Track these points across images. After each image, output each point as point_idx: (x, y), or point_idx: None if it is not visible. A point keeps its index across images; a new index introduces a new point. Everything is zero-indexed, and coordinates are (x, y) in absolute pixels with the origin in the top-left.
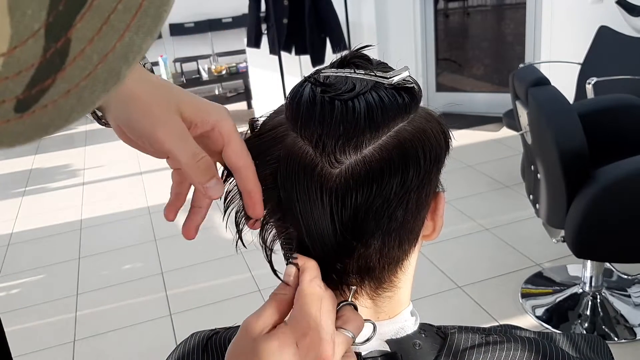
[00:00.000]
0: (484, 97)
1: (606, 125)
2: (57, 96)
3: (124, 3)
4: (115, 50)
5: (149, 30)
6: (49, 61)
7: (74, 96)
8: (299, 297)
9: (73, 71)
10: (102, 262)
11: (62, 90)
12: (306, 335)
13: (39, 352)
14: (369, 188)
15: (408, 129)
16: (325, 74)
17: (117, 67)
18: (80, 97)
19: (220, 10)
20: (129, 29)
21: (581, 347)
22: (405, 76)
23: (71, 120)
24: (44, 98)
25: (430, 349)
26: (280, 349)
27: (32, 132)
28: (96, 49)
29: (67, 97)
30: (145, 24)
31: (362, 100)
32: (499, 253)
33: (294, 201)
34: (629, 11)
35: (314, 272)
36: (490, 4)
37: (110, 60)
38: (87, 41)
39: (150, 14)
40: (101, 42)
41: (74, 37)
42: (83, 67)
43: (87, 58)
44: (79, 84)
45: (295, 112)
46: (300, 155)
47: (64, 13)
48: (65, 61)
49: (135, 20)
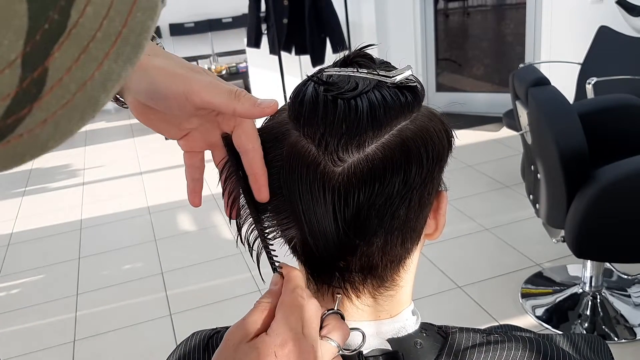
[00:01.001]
0: (484, 97)
1: (606, 125)
2: (34, 125)
3: (103, 31)
4: (94, 78)
5: (128, 58)
6: (26, 91)
7: (50, 125)
8: (280, 307)
9: (50, 100)
10: (102, 262)
11: (39, 120)
12: (285, 345)
13: (39, 352)
14: (372, 186)
15: (411, 128)
16: (328, 73)
17: (95, 96)
18: (57, 125)
19: (220, 10)
20: (108, 57)
21: (581, 348)
22: (407, 75)
23: (48, 149)
24: (20, 127)
25: (431, 348)
26: (258, 359)
27: (7, 161)
28: (74, 78)
29: (43, 126)
30: (124, 52)
31: (364, 99)
32: (499, 253)
33: (296, 199)
34: (629, 11)
35: (296, 282)
36: (490, 4)
37: (88, 89)
38: (65, 70)
39: (130, 42)
40: (79, 71)
41: (52, 66)
42: (60, 96)
43: (64, 87)
44: (56, 112)
45: (298, 111)
46: (303, 154)
47: (41, 42)
48: (42, 90)
49: (114, 48)
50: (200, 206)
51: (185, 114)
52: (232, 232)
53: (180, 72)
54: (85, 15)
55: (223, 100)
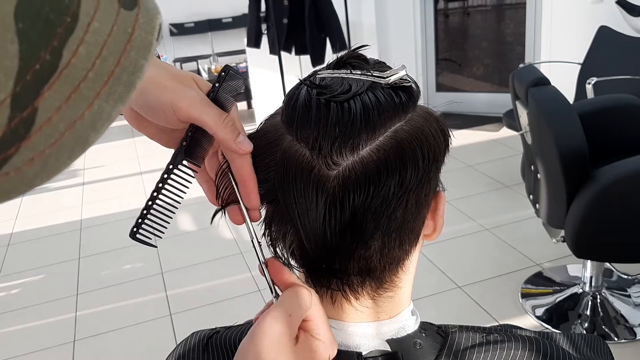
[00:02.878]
0: (484, 97)
1: (606, 125)
2: (21, 164)
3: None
4: (84, 118)
5: (120, 97)
6: (13, 130)
7: (38, 164)
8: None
9: (38, 139)
10: (102, 262)
11: (26, 158)
12: None
13: (39, 352)
14: (367, 189)
15: (406, 129)
16: (322, 75)
17: (84, 135)
18: (45, 164)
19: (220, 10)
20: (99, 97)
21: (581, 347)
22: (402, 75)
23: (34, 186)
24: (6, 166)
25: (430, 348)
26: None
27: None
28: (63, 118)
29: (31, 165)
30: (116, 91)
31: (358, 101)
32: (499, 253)
33: (291, 204)
34: (629, 11)
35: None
36: (490, 4)
37: (77, 128)
38: (54, 110)
39: (122, 81)
40: (69, 110)
41: (41, 105)
42: (49, 135)
43: (53, 126)
44: (44, 151)
45: (291, 115)
46: (297, 158)
47: (31, 82)
48: (31, 130)
49: (106, 87)
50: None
51: (172, 125)
52: (232, 232)
53: (169, 85)
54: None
55: (211, 120)
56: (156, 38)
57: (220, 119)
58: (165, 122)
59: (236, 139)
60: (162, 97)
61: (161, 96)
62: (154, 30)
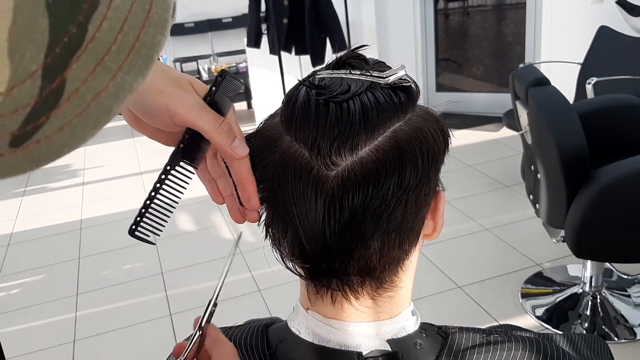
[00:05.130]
0: (484, 97)
1: (606, 125)
2: (50, 132)
3: (118, 44)
4: (108, 89)
5: (140, 70)
6: (45, 100)
7: (66, 132)
8: None
9: (67, 109)
10: (102, 262)
11: (55, 127)
12: None
13: (39, 352)
14: (366, 189)
15: (405, 129)
16: (321, 75)
17: (108, 105)
18: (73, 133)
19: (220, 10)
20: (122, 69)
21: (580, 348)
22: (401, 75)
23: (62, 154)
24: (38, 134)
25: (431, 349)
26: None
27: (25, 165)
28: (90, 89)
29: (59, 133)
30: (136, 65)
31: (357, 102)
32: (499, 253)
33: (291, 204)
34: (629, 11)
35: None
36: (490, 4)
37: (102, 99)
38: (81, 81)
39: (142, 55)
40: (95, 81)
41: (69, 77)
42: (76, 106)
43: (80, 97)
44: (72, 121)
45: (290, 116)
46: (296, 159)
47: (60, 55)
48: (60, 100)
49: (128, 60)
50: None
51: (169, 128)
52: (232, 232)
53: (165, 89)
54: (102, 29)
55: (206, 125)
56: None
57: (216, 123)
58: (162, 125)
59: (232, 144)
60: (158, 101)
61: (157, 100)
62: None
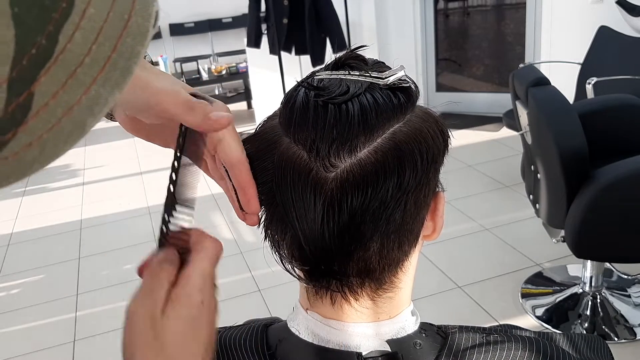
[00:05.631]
0: (484, 97)
1: (606, 125)
2: (18, 149)
3: (92, 56)
4: (81, 103)
5: (116, 82)
6: (11, 115)
7: (36, 148)
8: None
9: (36, 124)
10: (102, 262)
11: (24, 143)
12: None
13: (39, 352)
14: (365, 191)
15: (404, 130)
16: (320, 76)
17: (82, 120)
18: (43, 149)
19: (220, 10)
20: (96, 82)
21: (581, 347)
22: (400, 76)
23: (33, 171)
24: (4, 151)
25: (430, 349)
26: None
27: None
28: (60, 103)
29: (28, 149)
30: (113, 77)
31: (355, 103)
32: (499, 253)
33: (290, 206)
34: (629, 11)
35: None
36: (490, 4)
37: (75, 113)
38: (51, 95)
39: (119, 67)
40: (66, 95)
41: (38, 91)
42: (46, 120)
43: (50, 111)
44: (42, 136)
45: (288, 117)
46: (295, 160)
47: (28, 67)
48: (28, 115)
49: (103, 73)
50: None
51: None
52: (232, 232)
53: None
54: (74, 40)
55: (178, 110)
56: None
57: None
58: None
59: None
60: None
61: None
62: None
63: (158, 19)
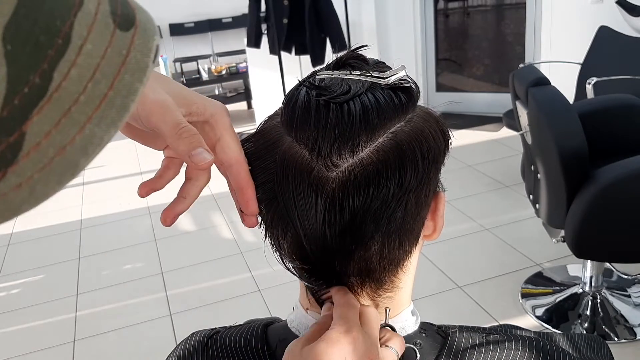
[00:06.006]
0: (484, 97)
1: (606, 125)
2: (7, 189)
3: (88, 94)
4: (74, 143)
5: (112, 121)
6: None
7: (25, 189)
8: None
9: (26, 165)
10: (102, 262)
11: (13, 184)
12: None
13: (39, 352)
14: (367, 191)
15: (405, 130)
16: (321, 76)
17: (74, 160)
18: (33, 190)
19: (220, 10)
20: (91, 121)
21: (581, 347)
22: (402, 75)
23: (21, 212)
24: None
25: (430, 349)
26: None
27: None
28: (53, 142)
29: (17, 191)
30: (108, 115)
31: (357, 103)
32: (499, 253)
33: (291, 205)
34: (629, 11)
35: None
36: (490, 4)
37: (68, 153)
38: (43, 134)
39: (115, 105)
40: (59, 135)
41: (29, 131)
42: (37, 161)
43: (42, 151)
44: (32, 177)
45: (290, 117)
46: (296, 160)
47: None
48: (18, 155)
49: (98, 111)
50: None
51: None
52: (232, 232)
53: None
54: (69, 78)
55: (166, 131)
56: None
57: (175, 129)
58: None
59: (191, 151)
60: None
61: None
62: (150, 52)
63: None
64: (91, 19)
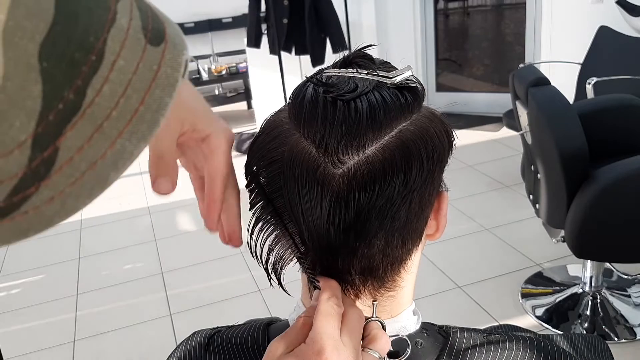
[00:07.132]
0: (484, 97)
1: (606, 126)
2: (40, 203)
3: (120, 109)
4: (105, 157)
5: (142, 136)
6: (34, 171)
7: (57, 203)
8: (316, 316)
9: (59, 179)
10: (102, 262)
11: (46, 198)
12: (321, 353)
13: (39, 352)
14: (372, 188)
15: (411, 129)
16: (328, 73)
17: (105, 175)
18: (64, 203)
19: (220, 10)
20: (122, 136)
21: (581, 348)
22: (408, 75)
23: (52, 225)
24: (25, 205)
25: (432, 348)
26: None
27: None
28: (85, 157)
29: (50, 204)
30: (139, 130)
31: (364, 100)
32: (499, 253)
33: (296, 201)
34: (629, 11)
35: (332, 292)
36: (490, 4)
37: (99, 168)
38: (76, 149)
39: (146, 120)
40: (91, 149)
41: (63, 145)
42: (69, 175)
43: (74, 166)
44: (64, 191)
45: (297, 113)
46: (303, 156)
47: (54, 123)
48: (51, 170)
49: (129, 126)
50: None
51: None
52: None
53: None
54: (102, 94)
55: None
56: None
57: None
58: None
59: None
60: None
61: None
62: (180, 67)
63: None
64: (123, 35)
